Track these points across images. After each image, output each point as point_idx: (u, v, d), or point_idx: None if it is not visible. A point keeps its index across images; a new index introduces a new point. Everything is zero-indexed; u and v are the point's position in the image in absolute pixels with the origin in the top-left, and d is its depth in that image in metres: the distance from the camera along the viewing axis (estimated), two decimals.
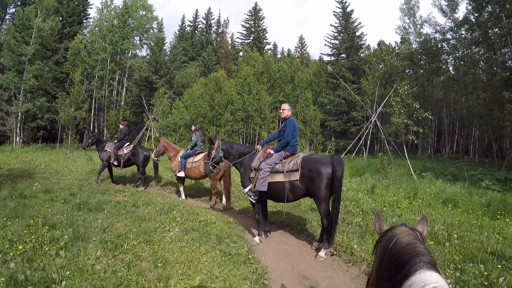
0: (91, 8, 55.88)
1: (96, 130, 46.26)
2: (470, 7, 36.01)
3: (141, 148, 14.94)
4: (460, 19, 38.70)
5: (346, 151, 32.11)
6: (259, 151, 7.84)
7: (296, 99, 44.21)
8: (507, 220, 8.46)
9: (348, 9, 53.19)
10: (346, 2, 53.17)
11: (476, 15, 34.43)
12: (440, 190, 12.13)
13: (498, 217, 8.81)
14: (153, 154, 13.71)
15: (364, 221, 8.39)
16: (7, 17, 46.45)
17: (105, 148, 14.78)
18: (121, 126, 15.23)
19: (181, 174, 11.86)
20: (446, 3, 41.61)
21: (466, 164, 25.44)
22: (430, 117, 19.78)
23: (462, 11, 68.11)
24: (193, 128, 12.37)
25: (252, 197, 7.45)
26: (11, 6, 46.28)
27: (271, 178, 7.22)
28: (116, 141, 14.87)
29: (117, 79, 50.69)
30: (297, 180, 6.93)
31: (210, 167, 8.19)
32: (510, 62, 33.14)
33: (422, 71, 44.88)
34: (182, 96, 43.46)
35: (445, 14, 42.46)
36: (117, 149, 14.49)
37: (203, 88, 39.94)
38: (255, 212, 7.75)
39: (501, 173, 20.39)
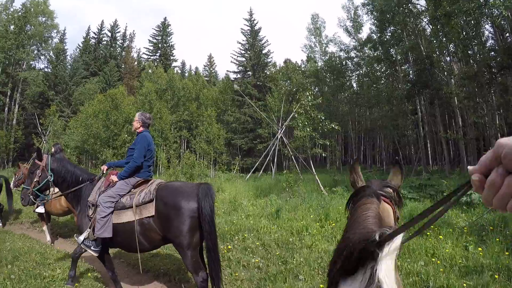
0: None
1: None
2: (373, 27, 38.79)
3: None
4: (364, 38, 41.57)
5: (253, 169, 31.31)
6: (102, 175, 5.50)
7: (201, 117, 42.70)
8: (440, 237, 7.16)
9: (256, 27, 53.67)
10: (254, 20, 53.71)
11: (379, 35, 36.46)
12: None
13: (428, 233, 7.47)
14: (12, 183, 10.80)
15: (265, 260, 6.56)
16: None
17: None
18: None
19: (41, 209, 8.96)
20: (351, 24, 45.04)
21: (375, 173, 25.72)
22: (337, 127, 19.07)
23: (365, 31, 72.97)
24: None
25: (92, 248, 4.93)
26: None
27: (116, 218, 4.88)
28: None
29: (8, 93, 45.14)
30: (152, 216, 4.71)
31: (31, 196, 5.28)
32: (410, 76, 35.86)
33: (327, 87, 46.96)
34: (77, 115, 39.75)
35: (350, 34, 46.47)
36: None
37: (98, 106, 36.48)
38: (106, 268, 5.36)
39: (412, 179, 20.40)
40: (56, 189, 8.14)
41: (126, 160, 5.48)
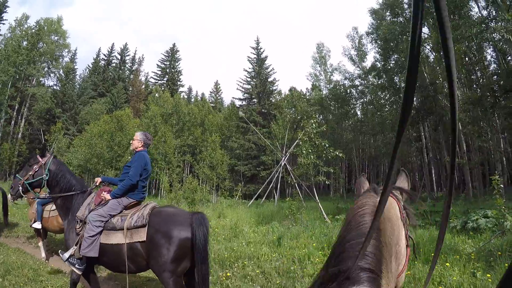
0: (3, 24, 49.18)
1: None
2: (378, 56, 39.24)
3: None
4: (368, 67, 41.74)
5: (256, 195, 31.10)
6: (95, 188, 5.37)
7: (205, 143, 42.74)
8: (447, 264, 6.92)
9: (263, 55, 54.16)
10: (261, 48, 54.25)
11: (383, 63, 36.86)
12: None
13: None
14: (9, 196, 10.59)
15: None
16: None
17: None
18: None
19: (37, 225, 8.80)
20: (356, 53, 45.22)
21: None
22: (341, 155, 18.89)
23: (370, 60, 73.74)
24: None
25: (76, 266, 4.71)
26: None
27: (104, 239, 4.67)
28: None
29: (16, 107, 45.68)
30: (143, 242, 4.50)
31: (20, 188, 5.17)
32: (414, 103, 35.09)
33: (331, 115, 47.08)
34: (82, 134, 39.85)
35: (354, 62, 46.47)
36: None
37: (103, 126, 36.54)
38: (90, 284, 5.07)
39: (416, 206, 20.04)
40: (53, 206, 8.08)
41: (120, 178, 5.31)
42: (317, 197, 18.79)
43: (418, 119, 30.69)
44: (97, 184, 5.41)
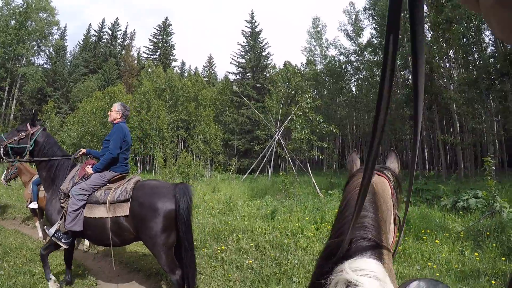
0: None
1: None
2: (374, 32, 39.32)
3: None
4: (364, 43, 41.67)
5: (250, 170, 31.32)
6: (77, 157, 5.40)
7: (199, 117, 42.63)
8: (437, 241, 7.05)
9: (257, 29, 53.61)
10: (255, 22, 53.63)
11: (379, 39, 37.04)
12: None
13: (424, 237, 7.36)
14: (2, 178, 10.54)
15: (258, 261, 6.43)
16: None
17: None
18: None
19: (33, 205, 8.78)
20: (352, 28, 44.75)
21: None
22: (335, 130, 18.87)
23: (366, 36, 72.99)
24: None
25: (62, 240, 4.79)
26: None
27: (88, 212, 4.72)
28: None
29: (6, 88, 45.21)
30: (126, 216, 4.56)
31: (2, 149, 5.02)
32: (409, 81, 35.74)
33: (326, 91, 46.90)
34: (75, 112, 39.61)
35: (350, 38, 46.21)
36: None
37: (96, 103, 36.34)
38: (46, 248, 5.08)
39: (408, 183, 20.27)
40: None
41: (101, 153, 5.28)
42: (310, 172, 18.89)
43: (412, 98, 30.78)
44: (80, 153, 5.42)
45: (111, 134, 5.14)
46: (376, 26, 37.41)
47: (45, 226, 5.11)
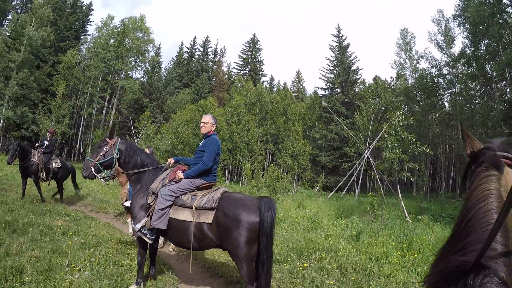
0: (90, 25, 55.59)
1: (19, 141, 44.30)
2: (466, 41, 36.44)
3: (67, 162, 14.19)
4: (456, 54, 38.75)
5: (337, 188, 30.80)
6: (168, 167, 5.63)
7: (288, 132, 42.84)
8: None
9: (344, 43, 53.14)
10: (342, 36, 53.39)
11: (473, 49, 34.42)
12: (440, 238, 10.14)
13: None
14: (102, 179, 11.39)
15: (339, 283, 6.32)
16: (6, 22, 45.86)
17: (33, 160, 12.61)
18: (48, 134, 13.33)
19: (128, 203, 9.58)
20: (442, 38, 42.17)
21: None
22: (428, 150, 17.95)
23: (458, 46, 69.04)
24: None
25: (148, 236, 5.14)
26: (11, 12, 45.89)
27: (173, 213, 5.00)
28: (41, 149, 12.84)
29: (107, 98, 49.48)
30: (209, 223, 4.76)
31: (93, 169, 5.41)
32: (507, 95, 33.17)
33: (417, 107, 44.68)
34: (169, 122, 41.72)
35: (441, 49, 42.91)
36: (46, 163, 12.72)
37: (189, 115, 38.01)
38: (138, 252, 5.50)
39: None
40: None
41: (193, 160, 5.51)
42: (399, 194, 18.22)
43: (511, 114, 28.44)
44: (169, 165, 5.63)
45: (206, 145, 5.34)
46: (468, 34, 34.79)
47: (132, 222, 5.44)
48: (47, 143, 12.92)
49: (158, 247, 8.05)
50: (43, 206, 11.54)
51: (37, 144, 13.30)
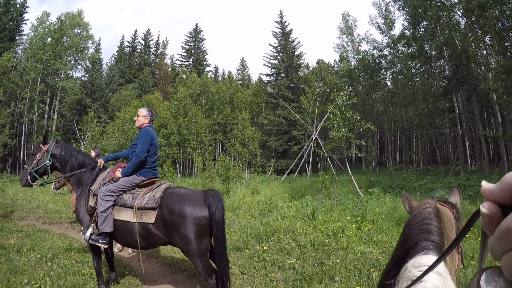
0: (25, 24, 52.54)
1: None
2: (406, 23, 37.94)
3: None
4: (397, 35, 40.23)
5: (288, 170, 31.26)
6: (103, 168, 5.51)
7: (235, 120, 42.89)
8: (479, 239, 6.82)
9: (287, 29, 53.31)
10: (285, 22, 53.57)
11: (412, 30, 35.79)
12: (391, 208, 10.58)
13: (467, 235, 7.17)
14: (52, 187, 10.98)
15: (300, 261, 6.45)
16: None
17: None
18: None
19: None
20: (383, 21, 43.63)
21: (412, 174, 25.21)
22: (373, 127, 18.49)
23: (398, 28, 71.18)
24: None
25: (100, 241, 4.98)
26: None
27: (116, 214, 4.89)
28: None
29: (48, 102, 46.94)
30: (152, 223, 4.67)
31: (28, 177, 5.31)
32: (446, 72, 34.64)
33: (361, 87, 46.04)
34: (114, 120, 40.67)
35: (382, 31, 44.55)
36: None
37: (134, 111, 37.18)
38: (92, 259, 5.34)
39: (450, 179, 19.90)
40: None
41: (129, 156, 5.43)
42: (349, 171, 18.68)
43: (450, 89, 29.84)
44: (100, 167, 5.48)
45: (138, 138, 5.23)
46: (408, 17, 36.05)
47: (81, 233, 5.32)
48: None
49: (118, 251, 7.99)
50: None
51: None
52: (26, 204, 15.26)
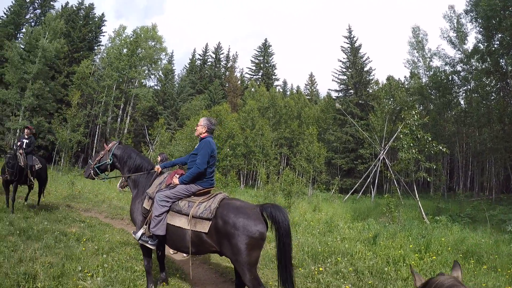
0: (103, 35, 57.18)
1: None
2: (479, 36, 35.57)
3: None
4: (470, 50, 38.01)
5: (353, 190, 30.61)
6: (160, 173, 5.67)
7: (302, 135, 42.78)
8: None
9: (356, 44, 52.97)
10: (354, 37, 53.13)
11: (486, 44, 33.60)
12: (459, 239, 9.94)
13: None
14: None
15: (356, 287, 6.19)
16: (20, 35, 47.08)
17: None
18: (27, 131, 12.03)
19: None
20: (455, 35, 41.22)
21: (483, 203, 23.80)
22: (444, 150, 17.55)
23: (471, 41, 67.65)
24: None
25: (149, 242, 5.15)
26: (25, 26, 47.08)
27: (170, 219, 5.02)
28: (21, 150, 11.27)
29: (121, 106, 50.06)
30: (205, 233, 4.75)
31: (92, 171, 5.90)
32: None
33: (432, 105, 44.06)
34: (183, 128, 41.93)
35: (454, 45, 41.94)
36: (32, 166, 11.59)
37: None
38: (143, 257, 5.56)
39: None
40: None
41: (188, 165, 5.48)
42: (416, 195, 17.93)
43: None
44: (157, 173, 5.64)
45: (199, 148, 5.32)
46: (481, 29, 33.90)
47: (132, 232, 5.48)
48: (26, 141, 11.77)
49: (173, 253, 8.18)
50: (57, 213, 11.54)
51: (18, 143, 11.53)
52: (92, 198, 16.19)
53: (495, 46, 32.58)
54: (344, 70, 53.11)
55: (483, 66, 35.64)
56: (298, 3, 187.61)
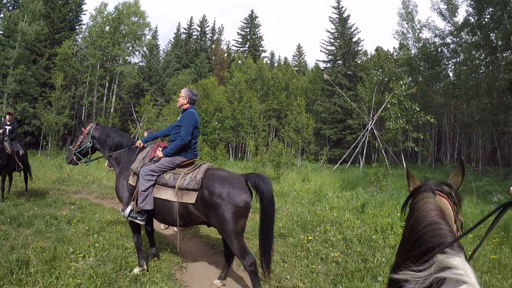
0: (84, 14, 55.78)
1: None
2: (470, 9, 35.39)
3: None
4: (460, 22, 37.85)
5: (341, 160, 30.78)
6: (142, 147, 5.66)
7: (290, 106, 42.72)
8: None
9: (345, 15, 52.47)
10: (342, 7, 52.50)
11: (477, 17, 33.67)
12: None
13: None
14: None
15: (344, 255, 6.22)
16: None
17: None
18: (8, 117, 11.69)
19: None
20: (445, 7, 40.78)
21: (470, 174, 24.10)
22: (432, 120, 17.67)
23: (462, 14, 67.45)
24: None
25: (138, 218, 5.16)
26: (2, 10, 45.35)
27: (156, 193, 5.03)
28: (5, 137, 10.91)
29: (106, 85, 49.27)
30: (192, 204, 4.80)
31: (74, 157, 5.88)
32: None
33: (421, 77, 43.92)
34: (170, 103, 41.64)
35: (445, 17, 41.57)
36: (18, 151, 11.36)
37: None
38: (132, 234, 5.56)
39: (510, 183, 18.97)
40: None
41: (171, 137, 5.50)
42: (404, 164, 18.05)
43: None
44: (139, 146, 5.63)
45: (182, 120, 5.29)
46: (472, 2, 33.63)
47: (120, 209, 5.46)
48: (9, 127, 11.51)
49: (164, 228, 8.31)
50: (47, 197, 11.47)
51: (1, 130, 11.11)
52: (81, 179, 16.04)
53: (486, 20, 32.60)
54: (332, 40, 52.77)
55: (473, 40, 35.67)
56: None
